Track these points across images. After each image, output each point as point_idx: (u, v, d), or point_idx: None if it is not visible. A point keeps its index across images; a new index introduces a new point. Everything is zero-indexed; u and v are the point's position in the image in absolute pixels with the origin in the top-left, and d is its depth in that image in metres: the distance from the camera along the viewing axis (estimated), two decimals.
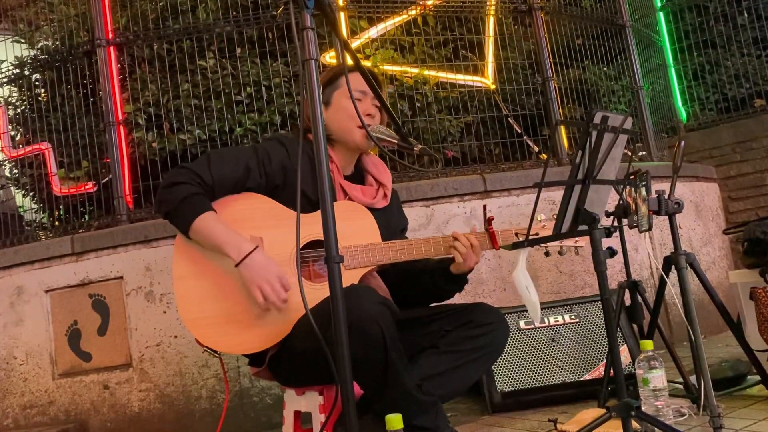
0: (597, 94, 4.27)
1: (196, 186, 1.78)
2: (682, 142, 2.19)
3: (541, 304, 2.68)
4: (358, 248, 1.84)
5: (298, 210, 1.46)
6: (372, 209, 1.97)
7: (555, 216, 1.74)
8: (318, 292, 1.77)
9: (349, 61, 3.24)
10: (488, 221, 1.93)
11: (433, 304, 2.07)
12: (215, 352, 1.82)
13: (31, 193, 3.86)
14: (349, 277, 1.78)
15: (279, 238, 1.82)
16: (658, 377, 1.86)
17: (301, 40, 1.38)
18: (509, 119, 3.87)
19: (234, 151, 1.94)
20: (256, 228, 1.82)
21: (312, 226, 1.82)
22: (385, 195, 2.05)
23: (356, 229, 1.86)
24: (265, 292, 1.71)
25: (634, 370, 1.96)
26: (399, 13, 3.74)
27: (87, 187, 3.49)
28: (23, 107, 3.90)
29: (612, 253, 1.71)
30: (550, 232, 1.87)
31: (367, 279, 1.90)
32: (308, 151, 1.87)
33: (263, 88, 3.41)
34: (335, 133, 1.99)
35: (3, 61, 3.85)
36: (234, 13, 3.49)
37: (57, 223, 3.70)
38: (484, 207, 1.97)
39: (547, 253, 1.94)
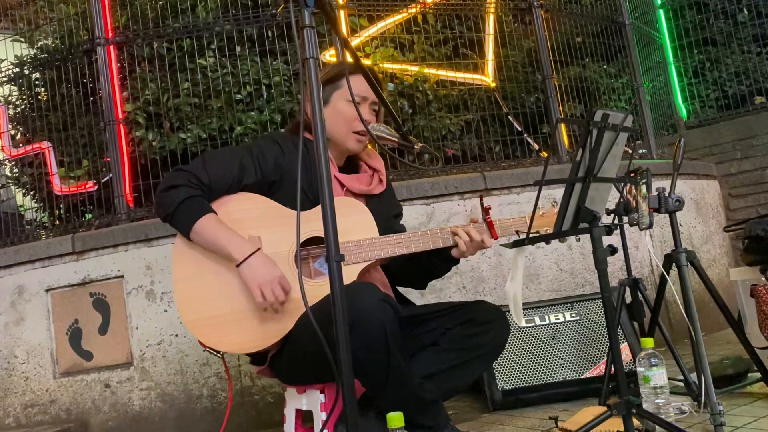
0: (597, 92, 4.27)
1: (195, 188, 1.79)
2: (683, 140, 2.19)
3: (542, 301, 2.70)
4: (355, 244, 1.84)
5: (298, 208, 1.46)
6: (370, 196, 1.97)
7: (554, 203, 1.74)
8: (318, 289, 1.77)
9: (349, 60, 3.24)
10: (485, 211, 1.93)
11: (434, 302, 2.08)
12: (217, 352, 1.82)
13: (32, 192, 3.86)
14: (348, 273, 1.78)
15: (277, 236, 1.82)
16: (658, 375, 1.86)
17: (301, 39, 1.38)
18: (509, 117, 3.86)
19: (228, 151, 1.96)
20: (254, 227, 1.82)
21: (310, 224, 1.82)
22: (380, 180, 2.07)
23: (353, 224, 1.87)
24: (265, 293, 1.72)
25: (635, 367, 1.96)
26: (399, 11, 3.73)
27: (87, 186, 3.49)
28: (23, 106, 3.90)
29: (613, 250, 1.71)
30: (549, 221, 1.87)
31: (368, 270, 1.90)
32: (304, 148, 1.87)
33: (263, 87, 3.41)
34: (329, 132, 1.99)
35: (3, 60, 3.85)
36: (234, 11, 3.49)
37: (57, 222, 3.70)
38: (481, 197, 1.97)
39: (547, 242, 1.94)
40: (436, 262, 1.97)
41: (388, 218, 2.01)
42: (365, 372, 1.66)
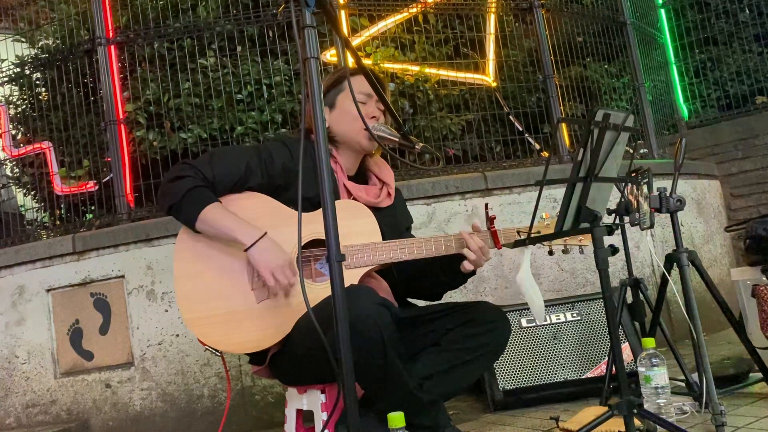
0: (598, 92, 4.27)
1: (200, 180, 1.80)
2: (684, 140, 2.18)
3: (543, 301, 2.69)
4: (358, 247, 1.83)
5: (299, 210, 1.45)
6: (377, 208, 1.97)
7: (558, 214, 1.74)
8: (318, 291, 1.77)
9: (350, 59, 3.24)
10: (490, 220, 1.92)
11: (434, 302, 2.07)
12: (216, 350, 1.82)
13: (33, 192, 3.87)
14: (350, 277, 1.78)
15: (280, 236, 1.81)
16: (660, 375, 1.86)
17: (302, 38, 1.38)
18: (510, 117, 3.86)
19: (236, 150, 1.95)
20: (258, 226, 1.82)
21: (313, 225, 1.82)
22: (389, 194, 2.06)
23: (357, 228, 1.86)
24: (277, 276, 1.74)
25: (636, 367, 1.96)
26: (399, 10, 3.73)
27: (88, 186, 3.49)
28: (24, 106, 3.90)
29: (614, 250, 1.70)
30: (552, 231, 1.86)
31: (368, 279, 1.90)
32: (311, 151, 1.87)
33: (264, 87, 3.41)
34: (340, 135, 1.99)
35: (4, 60, 3.85)
36: (234, 11, 3.49)
37: (58, 222, 3.70)
38: (486, 206, 1.97)
39: (550, 252, 1.93)
40: (449, 272, 1.95)
41: (395, 231, 2.00)
42: (363, 375, 1.65)
